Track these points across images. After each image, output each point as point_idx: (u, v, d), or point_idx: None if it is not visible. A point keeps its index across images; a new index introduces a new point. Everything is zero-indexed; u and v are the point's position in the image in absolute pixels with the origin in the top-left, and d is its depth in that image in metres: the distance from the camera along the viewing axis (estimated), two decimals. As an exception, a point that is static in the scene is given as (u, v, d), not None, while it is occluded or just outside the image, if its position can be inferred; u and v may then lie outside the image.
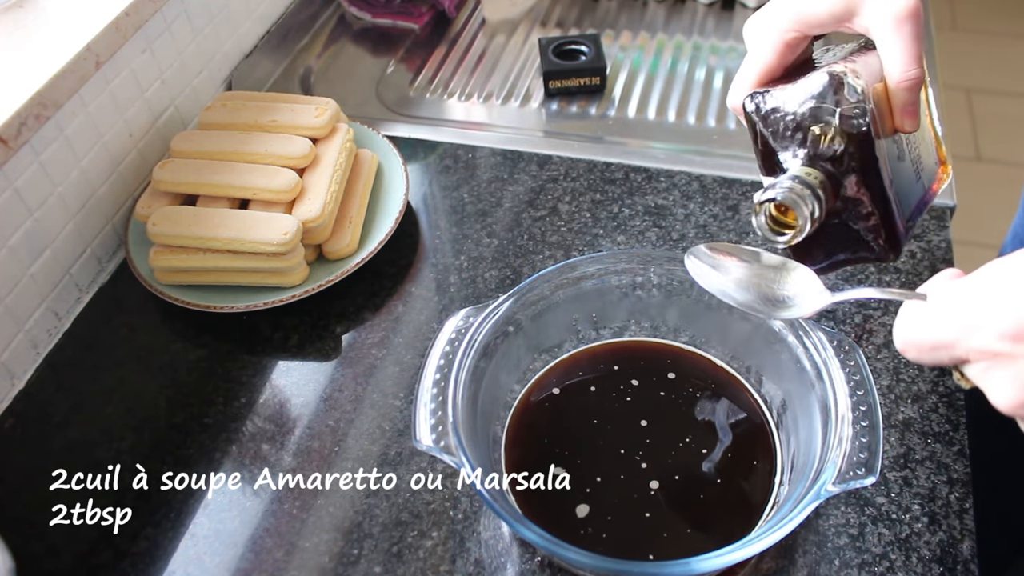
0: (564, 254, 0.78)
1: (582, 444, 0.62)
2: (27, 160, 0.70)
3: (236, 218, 0.74)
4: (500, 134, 0.92)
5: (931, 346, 0.42)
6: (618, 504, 0.59)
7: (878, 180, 0.50)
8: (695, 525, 0.58)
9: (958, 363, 0.42)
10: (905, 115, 0.51)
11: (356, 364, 0.71)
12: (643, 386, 0.65)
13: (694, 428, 0.62)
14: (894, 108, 0.51)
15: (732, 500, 0.59)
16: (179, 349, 0.74)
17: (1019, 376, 0.39)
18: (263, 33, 1.00)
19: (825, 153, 0.50)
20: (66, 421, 0.69)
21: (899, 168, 0.53)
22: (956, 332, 0.41)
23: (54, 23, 0.73)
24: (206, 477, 0.65)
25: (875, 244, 0.52)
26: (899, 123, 0.51)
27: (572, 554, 0.49)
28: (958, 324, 0.41)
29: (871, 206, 0.51)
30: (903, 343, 0.44)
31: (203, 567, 0.60)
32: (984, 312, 0.40)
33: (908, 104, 0.51)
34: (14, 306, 0.71)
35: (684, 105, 0.94)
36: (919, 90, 0.51)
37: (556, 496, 0.60)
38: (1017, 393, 0.39)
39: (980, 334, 0.39)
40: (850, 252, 0.54)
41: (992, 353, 0.39)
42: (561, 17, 1.08)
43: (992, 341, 0.39)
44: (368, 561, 0.60)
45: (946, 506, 0.60)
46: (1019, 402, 0.39)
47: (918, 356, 0.43)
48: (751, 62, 0.54)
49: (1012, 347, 0.38)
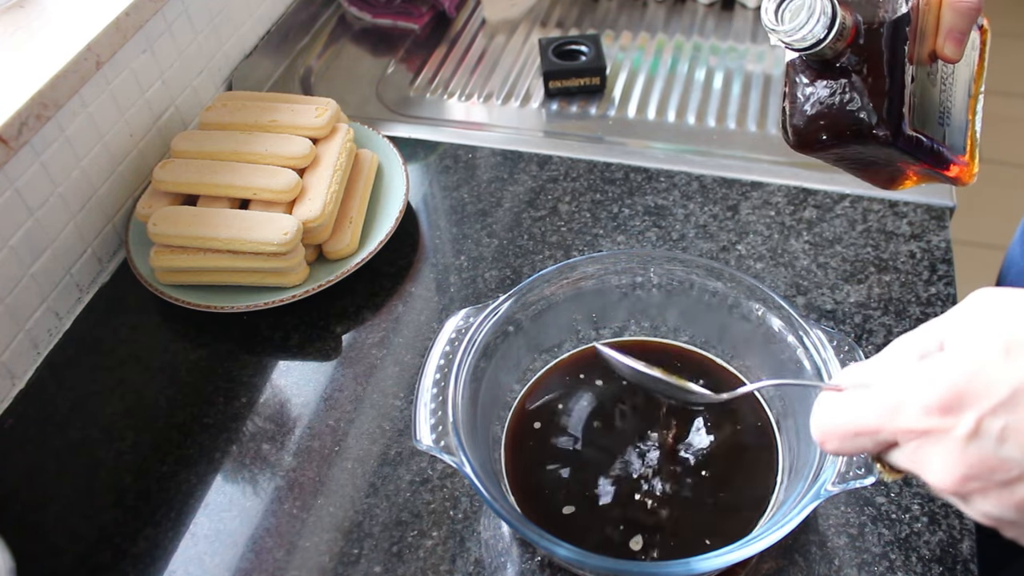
0: (564, 254, 0.78)
1: (582, 444, 0.62)
2: (28, 160, 0.70)
3: (236, 218, 0.74)
4: (500, 134, 0.92)
5: (854, 432, 0.38)
6: (618, 504, 0.59)
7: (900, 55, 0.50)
8: (695, 525, 0.58)
9: (883, 448, 0.38)
10: (949, 38, 0.49)
11: (356, 364, 0.71)
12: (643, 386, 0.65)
13: (694, 428, 0.62)
14: (941, 27, 0.49)
15: (732, 500, 0.59)
16: (179, 349, 0.74)
17: (953, 451, 0.35)
18: (263, 33, 1.00)
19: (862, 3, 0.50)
20: (66, 421, 0.69)
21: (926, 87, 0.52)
22: (879, 414, 0.37)
23: (55, 23, 0.73)
24: (206, 477, 0.65)
25: (871, 109, 0.51)
26: (940, 44, 0.50)
27: (572, 554, 0.50)
28: (880, 405, 0.37)
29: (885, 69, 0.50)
30: (821, 433, 0.40)
31: (203, 567, 0.60)
32: (906, 389, 0.36)
33: (955, 29, 0.49)
34: (14, 306, 0.71)
35: (684, 105, 0.94)
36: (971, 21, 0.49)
37: (556, 496, 0.60)
38: (954, 469, 0.35)
39: (905, 413, 0.36)
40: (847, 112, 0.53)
41: (920, 431, 0.36)
42: (561, 17, 1.08)
43: (919, 418, 0.35)
44: (368, 561, 0.60)
45: (946, 506, 0.60)
46: (958, 478, 0.35)
47: (839, 446, 0.40)
48: None
49: (941, 421, 0.35)
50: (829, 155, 0.57)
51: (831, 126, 0.54)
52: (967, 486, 0.35)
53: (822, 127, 0.54)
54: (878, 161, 0.57)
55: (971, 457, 0.34)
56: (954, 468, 0.35)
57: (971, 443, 0.34)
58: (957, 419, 0.34)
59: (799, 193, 0.81)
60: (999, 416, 0.34)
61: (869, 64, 0.51)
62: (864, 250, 0.76)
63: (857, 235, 0.77)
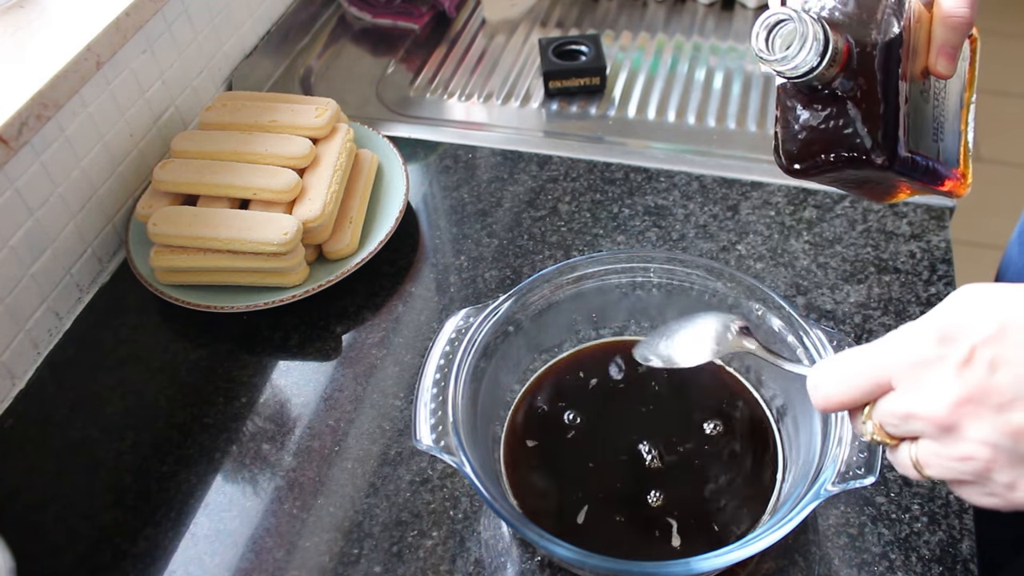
0: (564, 254, 0.78)
1: (582, 444, 0.62)
2: (28, 160, 0.70)
3: (236, 218, 0.74)
4: (500, 134, 0.92)
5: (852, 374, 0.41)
6: (618, 503, 0.59)
7: (894, 77, 0.49)
8: (695, 525, 0.58)
9: (878, 393, 0.41)
10: (942, 54, 0.49)
11: (356, 364, 0.71)
12: (643, 386, 0.65)
13: (694, 428, 0.62)
14: (933, 43, 0.49)
15: (732, 500, 0.59)
16: (179, 349, 0.74)
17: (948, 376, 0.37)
18: (263, 33, 1.00)
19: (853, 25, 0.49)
20: (66, 421, 0.69)
21: (920, 104, 0.51)
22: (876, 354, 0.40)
23: (55, 23, 0.73)
24: (206, 477, 0.65)
25: (867, 135, 0.50)
26: (933, 60, 0.49)
27: (572, 554, 0.50)
28: (877, 349, 0.40)
29: (880, 92, 0.49)
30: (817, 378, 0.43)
31: (203, 567, 0.60)
32: (901, 332, 0.39)
33: (947, 44, 0.49)
34: (14, 306, 0.71)
35: (684, 105, 0.94)
36: (963, 34, 0.49)
37: (556, 495, 0.60)
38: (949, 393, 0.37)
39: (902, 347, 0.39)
40: (843, 140, 0.51)
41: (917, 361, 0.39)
42: (561, 17, 1.08)
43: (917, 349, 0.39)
44: (368, 561, 0.60)
45: (946, 506, 0.60)
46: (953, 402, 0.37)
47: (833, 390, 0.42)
48: None
49: (937, 350, 0.38)
50: (824, 179, 0.56)
51: (826, 153, 0.52)
52: (962, 410, 0.37)
53: (817, 154, 0.53)
54: (872, 180, 0.56)
55: (966, 382, 0.37)
56: (949, 392, 0.37)
57: (965, 369, 0.37)
58: (952, 347, 0.37)
59: (799, 193, 0.81)
60: (989, 346, 0.37)
61: (863, 88, 0.50)
62: (864, 250, 0.76)
63: (857, 235, 0.77)
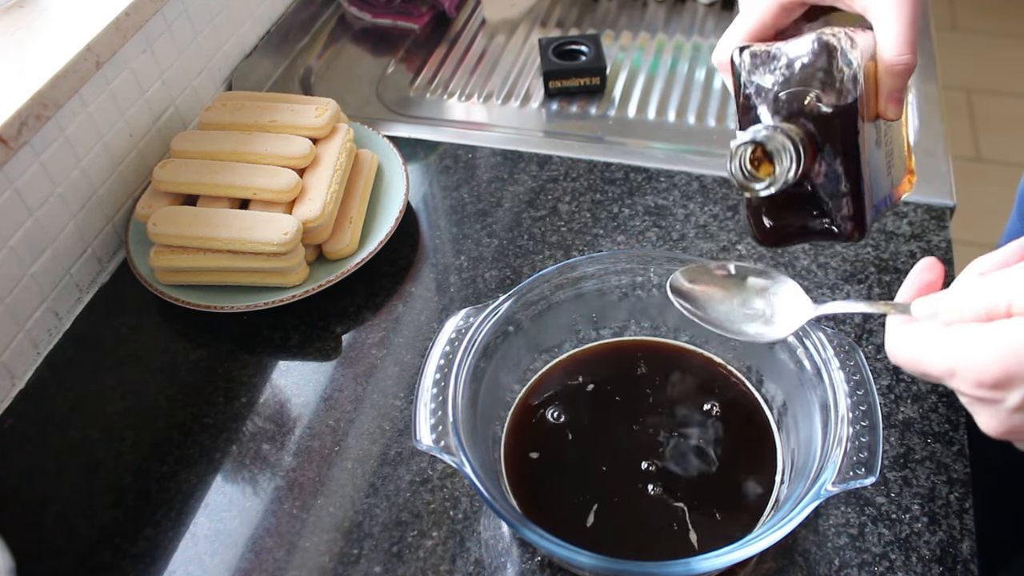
0: (564, 254, 0.78)
1: (582, 444, 0.62)
2: (28, 160, 0.70)
3: (236, 218, 0.74)
4: (500, 134, 0.92)
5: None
6: (618, 503, 0.59)
7: (856, 153, 0.49)
8: (695, 525, 0.58)
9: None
10: (891, 100, 0.50)
11: (356, 364, 0.71)
12: (643, 386, 0.65)
13: (694, 428, 0.62)
14: (880, 91, 0.50)
15: (732, 500, 0.59)
16: (179, 349, 0.74)
17: (1000, 416, 0.40)
18: (263, 33, 1.00)
19: (811, 112, 0.49)
20: (66, 421, 0.69)
21: (875, 154, 0.52)
22: (939, 372, 0.41)
23: (55, 23, 0.73)
24: (206, 477, 0.65)
25: (840, 220, 0.51)
26: (883, 108, 0.50)
27: (572, 554, 0.50)
28: (942, 362, 0.41)
29: (845, 178, 0.50)
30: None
31: (203, 567, 0.60)
32: (966, 356, 0.40)
33: (895, 90, 0.50)
34: (14, 306, 0.71)
35: (684, 105, 0.94)
36: (908, 77, 0.50)
37: (556, 495, 0.60)
38: (1000, 427, 0.41)
39: (961, 379, 0.40)
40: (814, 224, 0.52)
41: (972, 398, 0.40)
42: (561, 17, 1.08)
43: (973, 389, 0.40)
44: (368, 561, 0.60)
45: (946, 506, 0.60)
46: (1003, 433, 0.41)
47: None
48: (743, 19, 0.53)
49: (991, 394, 0.39)
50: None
51: (799, 235, 0.54)
52: (1009, 438, 0.41)
53: (790, 236, 0.54)
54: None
55: (1016, 421, 0.40)
56: (1000, 427, 0.41)
57: (1017, 413, 0.39)
58: (1006, 394, 0.39)
59: (799, 193, 0.81)
60: None
61: (827, 174, 0.50)
62: (864, 250, 0.76)
63: (857, 235, 0.77)
